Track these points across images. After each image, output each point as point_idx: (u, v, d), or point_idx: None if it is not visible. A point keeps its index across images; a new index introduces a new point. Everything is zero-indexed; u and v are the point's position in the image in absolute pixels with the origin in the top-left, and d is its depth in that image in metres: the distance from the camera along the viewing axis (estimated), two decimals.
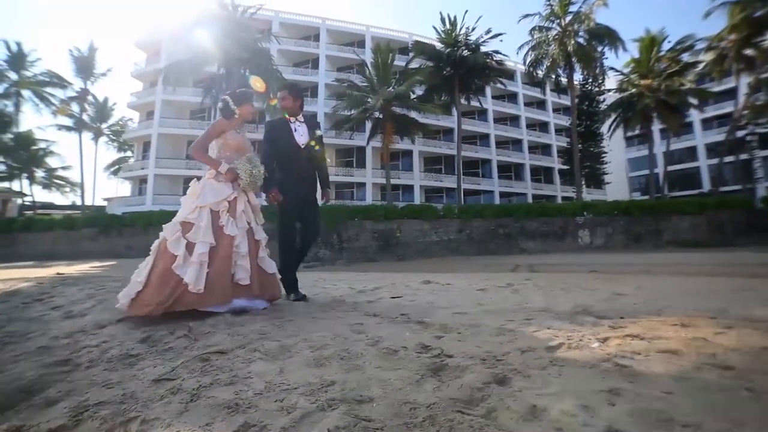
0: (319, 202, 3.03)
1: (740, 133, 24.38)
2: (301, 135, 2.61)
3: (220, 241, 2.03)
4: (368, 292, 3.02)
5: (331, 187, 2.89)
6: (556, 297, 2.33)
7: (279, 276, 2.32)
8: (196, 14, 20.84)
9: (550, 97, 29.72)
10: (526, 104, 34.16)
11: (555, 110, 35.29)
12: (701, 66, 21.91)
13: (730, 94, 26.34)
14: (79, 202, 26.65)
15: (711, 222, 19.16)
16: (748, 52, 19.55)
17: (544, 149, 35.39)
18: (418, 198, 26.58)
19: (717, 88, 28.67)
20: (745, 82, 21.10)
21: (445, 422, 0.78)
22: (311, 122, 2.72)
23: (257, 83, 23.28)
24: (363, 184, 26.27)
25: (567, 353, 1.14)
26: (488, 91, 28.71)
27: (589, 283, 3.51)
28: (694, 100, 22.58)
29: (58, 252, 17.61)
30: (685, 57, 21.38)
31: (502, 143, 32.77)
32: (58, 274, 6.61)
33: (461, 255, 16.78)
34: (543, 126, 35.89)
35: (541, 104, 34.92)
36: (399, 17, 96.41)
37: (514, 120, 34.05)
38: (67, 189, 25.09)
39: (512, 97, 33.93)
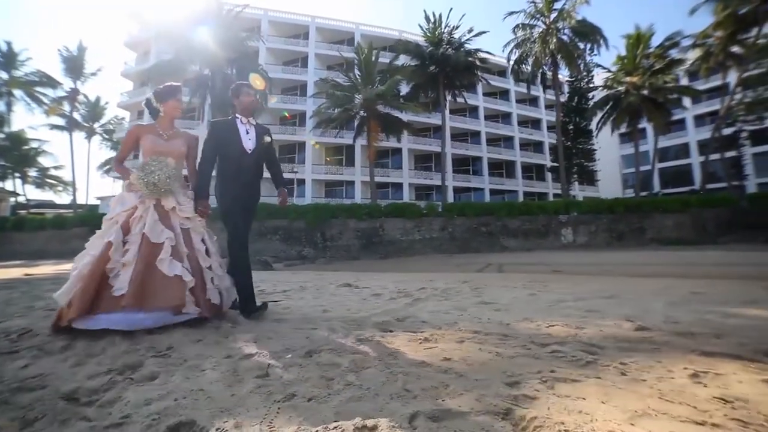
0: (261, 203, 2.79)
1: (729, 130, 24.35)
2: (249, 139, 2.39)
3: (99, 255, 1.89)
4: (267, 294, 3.22)
5: (284, 185, 2.61)
6: (416, 304, 2.54)
7: (186, 279, 1.95)
8: (182, 13, 20.93)
9: (543, 94, 29.65)
10: (518, 101, 34.09)
11: (548, 107, 35.19)
12: (689, 63, 21.86)
13: (723, 90, 26.32)
14: (79, 201, 27.03)
15: (695, 220, 19.22)
16: (735, 49, 19.51)
17: (536, 146, 35.38)
18: (407, 196, 26.72)
19: (709, 85, 28.57)
20: (734, 78, 21.04)
21: (53, 407, 0.99)
22: (262, 128, 2.51)
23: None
24: (353, 182, 26.45)
25: (239, 363, 1.36)
26: (479, 88, 28.67)
27: (498, 288, 3.71)
28: (683, 97, 22.55)
29: (49, 251, 17.95)
30: (673, 54, 21.32)
31: (494, 140, 32.78)
32: (25, 275, 6.85)
33: (444, 253, 16.97)
34: (535, 123, 35.84)
35: (533, 101, 34.82)
36: (392, 14, 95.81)
37: (505, 117, 34.03)
38: (60, 188, 25.41)
39: (504, 94, 33.88)
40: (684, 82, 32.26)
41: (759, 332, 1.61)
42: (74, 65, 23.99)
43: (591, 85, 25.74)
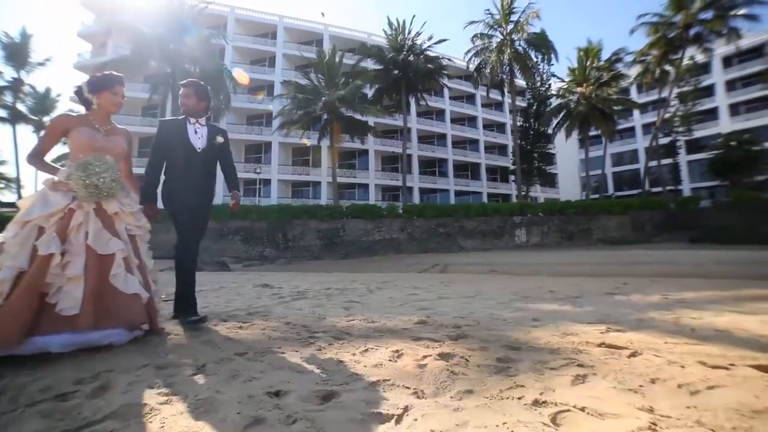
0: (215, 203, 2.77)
1: (666, 140, 26.73)
2: (198, 138, 2.31)
3: (31, 266, 1.60)
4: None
5: (238, 188, 2.51)
6: (291, 303, 3.04)
7: (145, 296, 1.81)
8: (142, 7, 20.29)
9: (502, 99, 31.07)
10: (484, 105, 35.48)
11: (512, 111, 36.84)
12: (632, 78, 23.81)
13: (666, 102, 28.84)
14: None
15: (635, 221, 20.99)
16: (668, 67, 21.54)
17: (501, 149, 36.98)
18: (373, 196, 27.26)
19: (654, 98, 31.16)
20: (674, 92, 23.13)
21: None
22: (215, 128, 2.42)
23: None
24: (319, 183, 26.68)
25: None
26: (446, 92, 29.65)
27: (397, 289, 4.27)
28: (629, 108, 24.53)
29: None
30: (620, 68, 23.14)
31: (460, 143, 34.00)
32: None
33: (403, 253, 17.64)
34: (500, 126, 37.45)
35: (498, 105, 36.34)
36: (364, 16, 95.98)
37: (471, 120, 35.36)
38: (2, 185, 23.78)
39: (470, 98, 35.14)
40: (634, 93, 35.00)
41: (499, 322, 2.22)
42: (17, 53, 22.51)
43: (549, 93, 27.30)
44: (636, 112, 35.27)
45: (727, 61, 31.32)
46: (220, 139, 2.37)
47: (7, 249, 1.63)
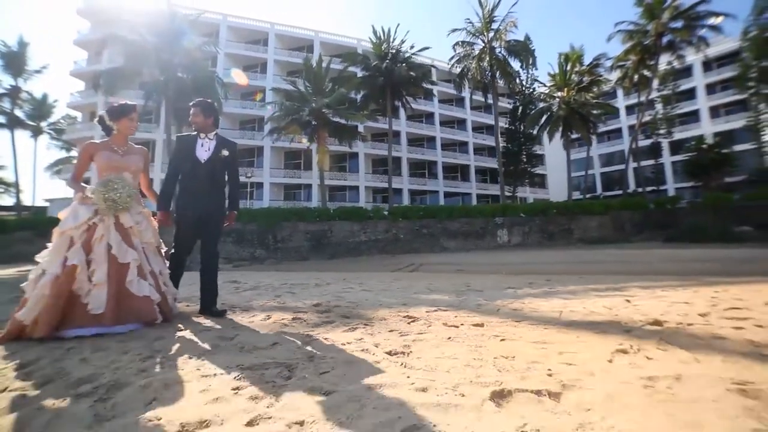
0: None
1: (648, 142, 27.51)
2: (205, 150, 2.54)
3: (62, 272, 1.97)
4: None
5: (237, 209, 2.73)
6: (240, 292, 3.85)
7: (154, 298, 2.17)
8: (137, 17, 21.01)
9: (488, 101, 31.78)
10: (473, 108, 36.31)
11: (501, 113, 37.57)
12: (613, 82, 24.61)
13: (650, 105, 29.59)
14: (25, 203, 26.13)
15: (615, 221, 21.75)
16: (646, 72, 22.34)
17: (490, 151, 37.77)
18: (363, 198, 28.06)
19: (638, 100, 31.97)
20: (653, 96, 23.84)
21: None
22: (223, 142, 2.63)
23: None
24: (310, 186, 27.46)
25: None
26: (435, 95, 30.39)
27: (342, 284, 5.01)
28: (611, 112, 25.28)
29: None
30: (601, 72, 23.92)
31: (449, 145, 34.81)
32: None
33: (388, 254, 18.42)
34: (489, 129, 38.21)
35: (488, 108, 37.02)
36: (357, 22, 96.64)
37: (461, 123, 36.17)
38: (2, 189, 24.53)
39: (460, 101, 35.96)
40: (620, 96, 35.81)
41: (374, 304, 2.99)
42: (14, 61, 23.25)
43: (534, 96, 28.09)
44: (622, 114, 36.08)
45: (707, 66, 32.24)
46: (225, 152, 2.57)
47: (44, 256, 2.04)
